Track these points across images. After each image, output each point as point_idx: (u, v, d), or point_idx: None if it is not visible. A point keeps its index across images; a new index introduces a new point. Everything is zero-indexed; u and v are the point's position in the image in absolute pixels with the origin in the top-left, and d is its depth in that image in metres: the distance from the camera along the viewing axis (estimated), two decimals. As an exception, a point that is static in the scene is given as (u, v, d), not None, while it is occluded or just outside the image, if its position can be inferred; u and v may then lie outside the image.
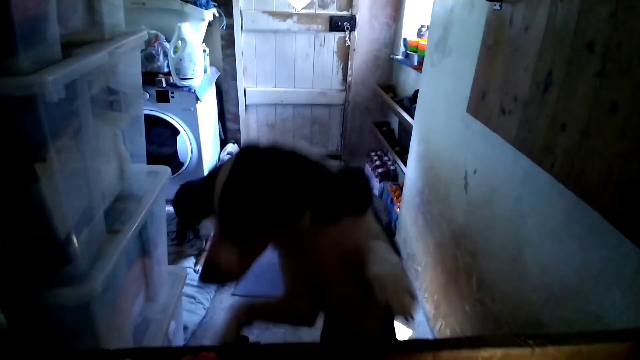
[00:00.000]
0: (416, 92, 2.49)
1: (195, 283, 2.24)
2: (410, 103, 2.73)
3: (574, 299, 1.07)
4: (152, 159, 2.79)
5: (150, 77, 2.60)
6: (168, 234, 2.34)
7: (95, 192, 1.06)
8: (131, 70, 1.28)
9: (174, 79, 2.59)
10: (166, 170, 1.50)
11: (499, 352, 0.55)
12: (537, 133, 1.12)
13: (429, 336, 2.05)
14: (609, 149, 0.87)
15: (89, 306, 1.01)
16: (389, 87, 3.36)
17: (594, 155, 0.91)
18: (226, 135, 3.55)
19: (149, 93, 2.60)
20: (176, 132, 2.71)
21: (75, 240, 0.96)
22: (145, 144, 1.41)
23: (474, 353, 0.55)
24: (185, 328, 1.98)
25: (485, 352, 0.55)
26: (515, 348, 0.56)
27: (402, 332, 2.07)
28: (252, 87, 3.38)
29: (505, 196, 1.40)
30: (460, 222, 1.76)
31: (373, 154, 3.48)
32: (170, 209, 1.70)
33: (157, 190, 1.40)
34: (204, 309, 2.12)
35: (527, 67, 1.18)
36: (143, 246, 1.40)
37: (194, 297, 2.15)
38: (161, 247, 1.56)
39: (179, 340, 1.82)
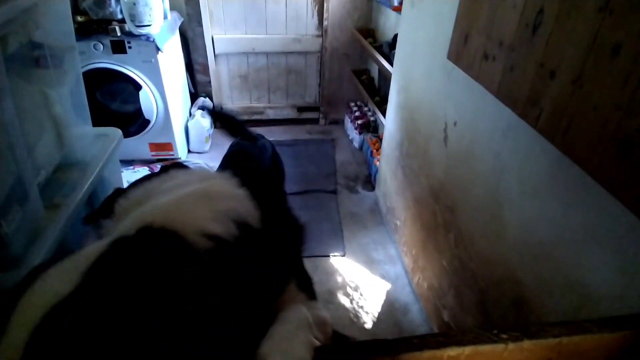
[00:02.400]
0: (396, 36, 2.30)
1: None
2: (390, 49, 2.55)
3: (552, 259, 1.02)
4: (116, 117, 2.63)
5: (102, 26, 2.34)
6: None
7: (25, 164, 0.92)
8: (59, 19, 1.09)
9: (129, 26, 2.33)
10: (116, 132, 1.35)
11: (467, 350, 0.48)
12: (523, 82, 1.01)
13: (408, 289, 2.05)
14: (605, 100, 0.76)
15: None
16: (368, 31, 3.14)
17: (586, 108, 0.81)
18: (196, 88, 3.33)
19: (102, 44, 2.35)
20: (138, 86, 2.49)
21: (2, 221, 0.85)
22: (87, 105, 1.25)
23: (439, 353, 0.48)
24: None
25: (452, 351, 0.48)
26: (486, 345, 0.48)
27: (382, 284, 2.07)
28: (220, 34, 3.11)
29: (485, 151, 1.31)
30: (439, 177, 1.69)
31: (352, 104, 3.33)
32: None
33: (106, 154, 1.27)
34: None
35: (515, 4, 1.04)
36: (97, 217, 1.29)
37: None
38: (120, 215, 1.45)
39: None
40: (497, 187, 1.25)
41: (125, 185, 2.64)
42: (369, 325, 1.88)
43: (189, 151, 3.07)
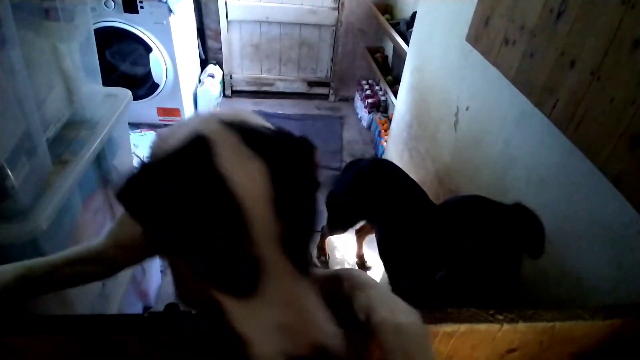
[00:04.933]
0: (415, 14, 2.24)
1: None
2: (407, 27, 2.49)
3: (550, 249, 1.03)
4: (125, 79, 2.61)
5: (115, -18, 2.29)
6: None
7: (33, 117, 0.92)
8: (72, -32, 1.07)
9: (142, -15, 2.28)
10: (126, 93, 1.34)
11: (462, 327, 0.49)
12: (542, 69, 0.99)
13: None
14: (621, 94, 0.75)
15: (37, 242, 0.94)
16: (386, 6, 3.06)
17: (602, 100, 0.80)
18: (207, 55, 3.28)
19: (114, 1, 2.30)
20: (149, 48, 2.46)
21: (10, 173, 0.85)
22: (98, 63, 1.24)
23: (436, 328, 0.49)
24: (161, 256, 1.97)
25: (448, 327, 0.49)
26: (482, 324, 0.49)
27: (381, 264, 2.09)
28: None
29: (495, 137, 1.30)
30: (445, 161, 1.68)
31: (364, 82, 3.28)
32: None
33: (115, 115, 1.26)
34: (181, 237, 2.10)
35: (540, -12, 1.01)
36: (103, 176, 1.30)
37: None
38: (127, 176, 1.46)
39: (155, 268, 1.81)
40: (504, 175, 1.24)
41: (132, 147, 2.63)
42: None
43: (196, 118, 3.05)
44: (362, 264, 2.06)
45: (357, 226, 1.84)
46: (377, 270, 2.06)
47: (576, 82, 0.87)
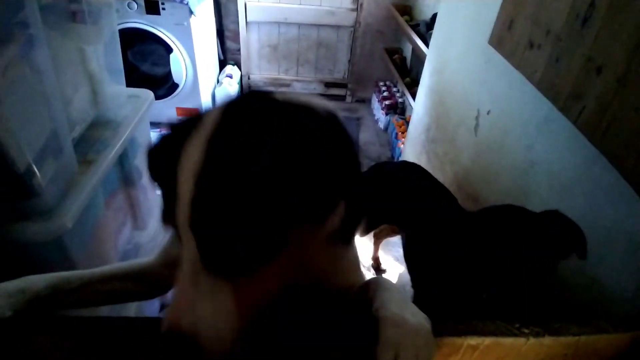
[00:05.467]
0: (435, 16, 2.22)
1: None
2: (427, 29, 2.47)
3: (572, 256, 1.01)
4: (145, 79, 2.65)
5: (137, -16, 2.33)
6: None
7: (60, 118, 0.95)
8: (99, -28, 1.09)
9: (164, -13, 2.31)
10: (148, 94, 1.36)
11: (487, 340, 0.48)
12: (568, 74, 0.96)
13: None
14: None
15: (62, 240, 0.96)
16: (405, 8, 3.03)
17: (628, 108, 0.78)
18: (225, 55, 3.31)
19: (137, 3, 2.35)
20: (169, 49, 2.50)
21: (37, 172, 0.88)
22: (122, 64, 1.26)
23: (459, 340, 0.48)
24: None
25: (472, 340, 0.48)
26: (507, 337, 0.48)
27: (395, 266, 2.08)
28: (253, 1, 3.06)
29: (517, 142, 1.28)
30: (465, 165, 1.66)
31: (381, 83, 3.26)
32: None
33: (138, 115, 1.29)
34: (198, 235, 2.12)
35: (567, -8, 0.98)
36: (125, 176, 1.32)
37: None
38: (147, 176, 1.48)
39: (172, 266, 1.83)
40: (526, 180, 1.22)
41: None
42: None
43: (214, 118, 3.08)
44: (377, 267, 2.05)
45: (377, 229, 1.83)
46: (392, 274, 2.05)
47: (603, 89, 0.85)
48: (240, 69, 3.31)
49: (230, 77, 3.13)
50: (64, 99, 0.97)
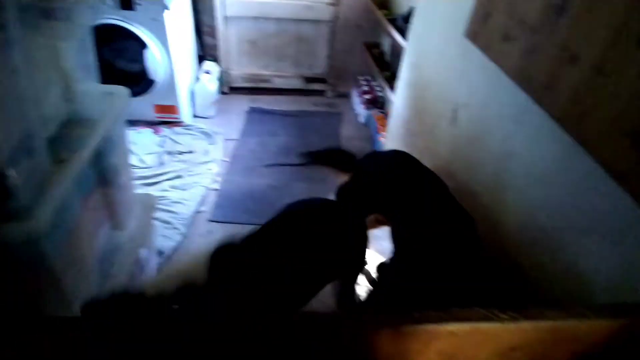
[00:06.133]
0: (412, 9, 2.23)
1: (170, 209, 2.19)
2: (404, 22, 2.48)
3: (552, 245, 1.04)
4: (121, 76, 2.59)
5: (110, -21, 2.27)
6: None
7: (33, 116, 0.91)
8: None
9: (137, -19, 2.26)
10: (124, 91, 1.33)
11: (466, 326, 0.49)
12: (542, 65, 0.99)
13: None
14: (625, 90, 0.75)
15: (37, 242, 0.93)
16: (383, 1, 3.04)
17: (605, 96, 0.80)
18: (204, 51, 3.26)
19: (110, -2, 2.28)
20: (144, 45, 2.44)
21: (13, 172, 0.85)
22: (95, 61, 1.23)
23: (440, 327, 0.49)
24: (160, 253, 1.96)
25: (452, 327, 0.49)
26: (485, 323, 0.49)
27: (377, 259, 2.10)
28: (231, -5, 3.01)
29: (494, 134, 1.30)
30: (444, 158, 1.68)
31: (361, 78, 3.27)
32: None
33: (113, 113, 1.26)
34: (180, 234, 2.10)
35: (540, -16, 1.01)
36: (102, 175, 1.29)
37: (169, 223, 2.11)
38: (125, 174, 1.45)
39: (152, 266, 1.81)
40: (504, 172, 1.25)
41: (129, 145, 2.62)
42: (362, 296, 1.92)
43: (194, 115, 3.04)
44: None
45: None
46: (373, 266, 2.06)
47: (578, 78, 0.87)
48: (219, 65, 3.26)
49: (209, 73, 3.08)
50: (36, 97, 0.94)
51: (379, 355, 0.50)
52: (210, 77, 3.04)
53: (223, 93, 3.37)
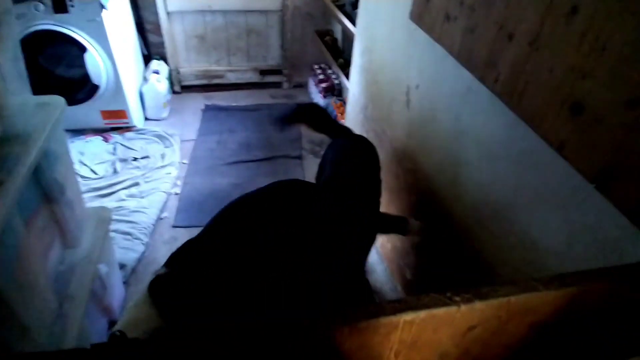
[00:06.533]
0: (358, -6, 2.22)
1: (129, 219, 2.10)
2: (352, 7, 2.47)
3: (505, 218, 1.07)
4: (62, 83, 2.44)
5: (38, -20, 2.11)
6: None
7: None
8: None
9: (68, -19, 2.11)
10: (59, 100, 1.24)
11: (422, 314, 0.50)
12: (482, 43, 1.00)
13: (373, 251, 2.11)
14: (560, 63, 0.77)
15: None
16: (331, -12, 3.01)
17: (541, 70, 0.82)
18: (149, 50, 3.12)
19: (43, 3, 2.13)
20: (83, 48, 2.30)
21: None
22: (25, 72, 1.14)
23: (395, 318, 0.49)
24: (123, 266, 1.89)
25: (408, 316, 0.49)
26: (440, 308, 0.50)
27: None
28: (172, -10, 2.89)
29: (445, 114, 1.32)
30: (402, 140, 1.70)
31: (316, 67, 3.25)
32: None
33: (49, 125, 1.17)
34: (143, 244, 2.02)
35: (475, -37, 1.02)
36: (45, 192, 1.21)
37: (129, 234, 2.03)
38: (71, 188, 1.37)
39: (116, 281, 1.73)
40: (457, 150, 1.27)
41: (78, 155, 2.49)
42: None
43: (146, 118, 2.91)
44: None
45: None
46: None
47: (516, 55, 0.89)
48: (167, 63, 3.14)
49: (158, 72, 2.96)
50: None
51: (340, 352, 0.50)
52: (159, 77, 2.92)
53: (175, 92, 3.25)
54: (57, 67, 2.48)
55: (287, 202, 1.07)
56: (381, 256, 2.07)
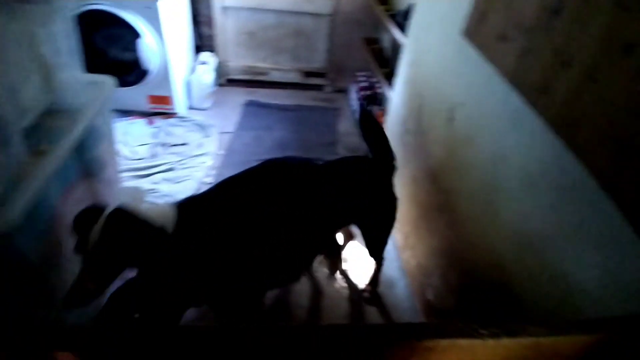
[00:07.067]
0: (412, 5, 2.19)
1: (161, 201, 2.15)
2: (404, 18, 2.44)
3: (540, 250, 1.01)
4: (114, 65, 2.54)
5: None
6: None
7: (5, 105, 0.88)
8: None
9: (131, -33, 2.21)
10: (110, 81, 1.29)
11: (443, 342, 0.47)
12: (537, 68, 0.95)
13: (396, 265, 2.07)
14: (615, 98, 0.72)
15: (10, 236, 0.90)
16: (384, -3, 2.99)
17: (596, 103, 0.77)
18: (201, 41, 3.21)
19: (102, -17, 2.24)
20: (137, 34, 2.39)
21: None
22: (79, 48, 1.19)
23: (417, 343, 0.46)
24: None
25: (429, 342, 0.46)
26: (464, 339, 0.47)
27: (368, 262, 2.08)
28: (229, -15, 2.96)
29: (490, 135, 1.27)
30: (439, 158, 1.65)
31: (360, 74, 3.23)
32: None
33: (97, 103, 1.22)
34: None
35: (538, -17, 0.97)
36: (84, 167, 1.26)
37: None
38: (111, 166, 1.42)
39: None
40: (497, 175, 1.22)
41: (121, 135, 2.59)
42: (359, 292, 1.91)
43: (189, 107, 3.00)
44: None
45: None
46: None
47: (571, 83, 0.84)
48: (216, 56, 3.22)
49: (206, 64, 3.04)
50: (10, 85, 0.91)
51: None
52: (206, 69, 3.00)
53: (220, 85, 3.33)
54: (111, 49, 2.59)
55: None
56: (404, 272, 2.02)
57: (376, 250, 1.72)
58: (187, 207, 1.10)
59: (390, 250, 2.15)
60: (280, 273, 1.33)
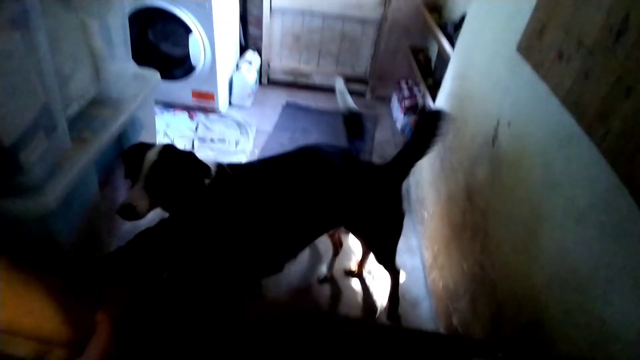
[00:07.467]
0: (464, 17, 2.12)
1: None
2: (454, 29, 2.36)
3: (580, 290, 0.93)
4: (163, 59, 2.63)
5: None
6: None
7: (54, 92, 0.91)
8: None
9: (188, -34, 2.27)
10: (154, 74, 1.33)
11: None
12: (596, 92, 0.88)
13: (421, 284, 1.99)
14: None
15: (46, 219, 0.94)
16: (436, 6, 2.92)
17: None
18: (247, 41, 3.27)
19: (159, -20, 2.32)
20: (188, 30, 2.46)
21: (25, 147, 0.85)
22: (129, 40, 1.22)
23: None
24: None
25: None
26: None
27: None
28: (280, -13, 2.99)
29: (536, 159, 1.19)
30: (478, 177, 1.57)
31: (403, 82, 3.17)
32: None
33: (141, 95, 1.25)
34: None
35: (601, 3, 0.89)
36: (124, 157, 1.30)
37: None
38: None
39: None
40: (541, 202, 1.14)
41: (164, 127, 2.68)
42: (376, 310, 1.86)
43: (230, 104, 3.05)
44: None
45: None
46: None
47: (632, 112, 0.76)
48: (260, 56, 3.26)
49: (250, 63, 3.08)
50: (60, 73, 0.94)
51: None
52: (250, 68, 3.05)
53: (261, 84, 3.37)
54: (162, 43, 2.69)
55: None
56: (429, 291, 1.94)
57: (383, 256, 1.73)
58: (225, 169, 1.23)
59: (417, 267, 2.08)
60: (278, 254, 1.44)
